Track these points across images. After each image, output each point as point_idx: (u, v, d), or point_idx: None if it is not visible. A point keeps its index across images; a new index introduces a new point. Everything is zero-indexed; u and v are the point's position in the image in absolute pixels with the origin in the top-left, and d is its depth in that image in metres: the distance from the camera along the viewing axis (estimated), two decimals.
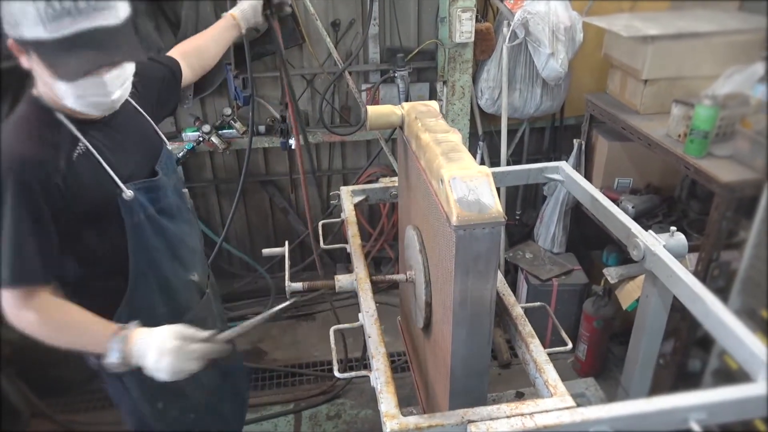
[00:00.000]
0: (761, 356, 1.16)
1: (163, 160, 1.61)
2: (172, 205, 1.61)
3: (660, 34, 2.61)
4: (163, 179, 1.57)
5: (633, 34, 2.62)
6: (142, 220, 1.49)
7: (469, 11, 2.82)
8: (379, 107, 1.61)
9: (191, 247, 1.70)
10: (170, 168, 1.65)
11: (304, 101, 3.40)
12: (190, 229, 1.72)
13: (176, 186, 1.67)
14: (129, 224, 1.46)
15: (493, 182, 1.14)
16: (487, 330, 1.23)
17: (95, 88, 1.31)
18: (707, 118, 2.28)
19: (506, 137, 3.20)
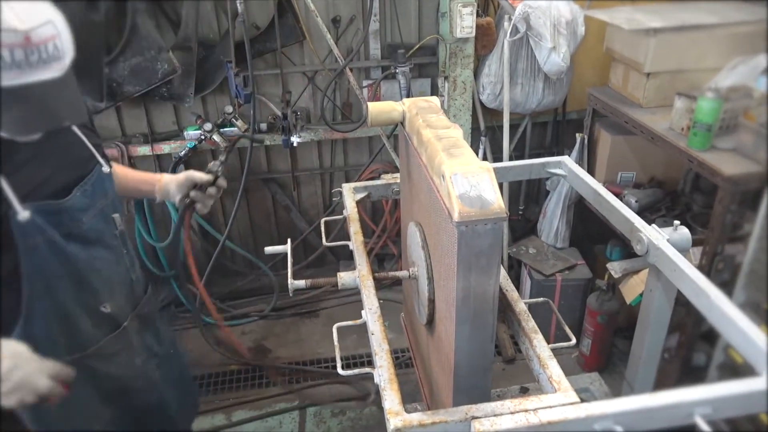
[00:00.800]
0: (765, 350, 1.15)
1: (90, 183, 1.49)
2: (87, 230, 1.48)
3: (662, 26, 2.60)
4: (75, 201, 1.44)
5: (635, 27, 2.61)
6: (38, 244, 1.37)
7: (470, 6, 2.81)
8: (380, 103, 1.60)
9: (106, 276, 1.56)
10: (98, 192, 1.52)
11: (305, 98, 3.39)
12: (110, 256, 1.58)
13: (103, 210, 1.54)
14: (22, 247, 1.34)
15: (494, 177, 1.14)
16: (491, 326, 1.23)
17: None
18: (710, 111, 2.26)
19: (508, 132, 3.19)
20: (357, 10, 3.22)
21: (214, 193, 1.80)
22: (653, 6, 2.95)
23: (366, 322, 1.42)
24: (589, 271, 3.20)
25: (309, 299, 3.70)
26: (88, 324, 1.51)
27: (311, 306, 3.69)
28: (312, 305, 3.70)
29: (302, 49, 3.26)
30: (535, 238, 3.50)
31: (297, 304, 3.68)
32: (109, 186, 1.58)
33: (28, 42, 1.13)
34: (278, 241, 3.78)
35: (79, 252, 1.46)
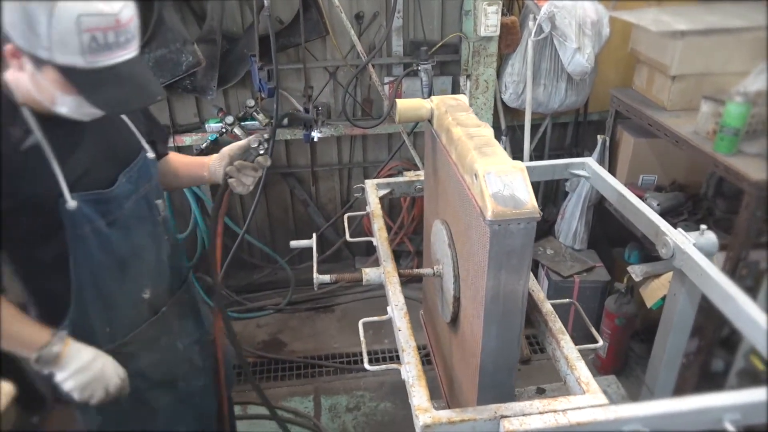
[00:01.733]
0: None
1: (135, 168, 1.53)
2: (129, 217, 1.51)
3: (689, 29, 2.57)
4: (121, 189, 1.48)
5: (662, 29, 2.59)
6: (86, 234, 1.40)
7: (495, 5, 2.81)
8: (408, 100, 1.60)
9: (147, 262, 1.59)
10: (143, 177, 1.55)
11: (326, 94, 3.40)
12: (151, 242, 1.60)
13: (147, 196, 1.57)
14: (71, 236, 1.38)
15: (527, 177, 1.14)
16: (518, 325, 1.23)
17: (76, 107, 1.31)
18: (738, 115, 2.24)
19: (530, 132, 3.18)
20: (380, 6, 3.22)
21: (251, 167, 1.65)
22: (680, 8, 2.93)
23: (392, 319, 1.42)
24: (607, 274, 3.19)
25: (324, 294, 3.72)
26: (130, 311, 1.53)
27: (327, 301, 3.71)
28: (328, 300, 3.71)
29: (324, 44, 3.27)
30: (553, 239, 3.49)
31: (313, 299, 3.70)
32: (154, 172, 1.61)
33: (118, 24, 1.20)
34: (295, 235, 3.80)
35: (122, 239, 1.48)
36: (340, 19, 2.94)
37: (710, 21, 2.63)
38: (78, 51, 1.18)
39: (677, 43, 2.60)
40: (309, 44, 3.15)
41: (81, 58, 1.19)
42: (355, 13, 3.18)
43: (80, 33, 1.16)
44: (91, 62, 1.20)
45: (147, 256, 1.57)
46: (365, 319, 1.47)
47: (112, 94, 1.26)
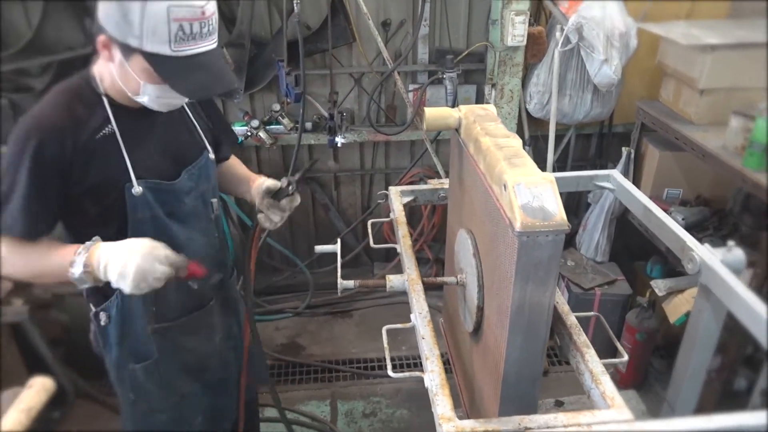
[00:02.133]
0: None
1: (197, 167, 1.62)
2: (187, 212, 1.61)
3: (719, 43, 2.55)
4: (182, 184, 1.57)
5: (691, 42, 2.57)
6: (146, 219, 1.50)
7: (522, 15, 2.81)
8: (437, 109, 1.61)
9: (197, 255, 1.61)
10: (203, 176, 1.64)
11: (351, 99, 3.42)
12: (203, 237, 1.68)
13: (204, 194, 1.66)
14: (132, 219, 1.48)
15: (557, 189, 1.14)
16: (543, 337, 1.23)
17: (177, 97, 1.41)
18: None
19: (554, 143, 3.17)
20: (408, 14, 3.23)
21: (281, 206, 1.73)
22: (710, 22, 2.91)
23: (415, 326, 1.43)
24: (629, 287, 3.16)
25: (343, 299, 3.73)
26: (176, 298, 1.61)
27: (345, 306, 3.72)
28: (346, 305, 3.73)
29: (351, 50, 3.30)
30: (574, 250, 3.46)
31: (331, 303, 3.72)
32: (213, 172, 1.71)
33: (203, 15, 1.30)
34: (315, 239, 3.83)
35: (177, 230, 1.57)
36: (367, 26, 2.96)
37: (740, 35, 2.60)
38: (166, 40, 1.27)
39: (706, 57, 2.58)
40: (335, 50, 3.18)
41: (168, 47, 1.28)
42: (382, 20, 3.20)
43: (169, 22, 1.25)
44: (176, 51, 1.29)
45: (198, 249, 1.65)
46: (389, 326, 1.48)
47: (194, 82, 1.34)
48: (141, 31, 1.26)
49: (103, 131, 1.43)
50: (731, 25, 2.85)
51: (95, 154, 1.41)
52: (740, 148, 2.38)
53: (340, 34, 3.08)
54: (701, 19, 3.11)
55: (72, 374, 2.87)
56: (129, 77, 1.37)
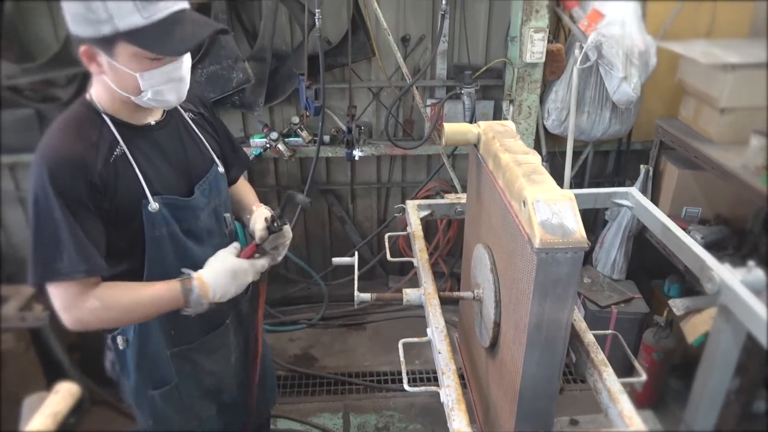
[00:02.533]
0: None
1: (207, 182, 1.60)
2: (202, 228, 1.59)
3: (740, 62, 2.54)
4: (196, 201, 1.55)
5: (712, 61, 2.56)
6: (163, 235, 1.48)
7: (541, 32, 2.82)
8: (456, 124, 1.62)
9: None
10: (213, 190, 1.62)
11: (369, 113, 3.45)
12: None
13: (216, 209, 1.64)
14: (149, 236, 1.46)
15: (576, 206, 1.14)
16: (560, 354, 1.22)
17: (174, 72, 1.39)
18: None
19: (571, 159, 3.16)
20: (427, 30, 3.27)
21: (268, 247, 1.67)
22: (730, 41, 2.90)
23: (432, 341, 1.43)
24: (646, 306, 3.13)
25: (357, 311, 3.73)
26: (195, 318, 1.57)
27: (359, 318, 3.72)
28: (360, 317, 3.73)
29: (370, 65, 3.33)
30: (590, 267, 3.44)
31: (345, 315, 3.72)
32: (223, 186, 1.68)
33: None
34: (331, 251, 3.84)
35: (194, 247, 1.55)
36: (386, 42, 2.99)
37: (761, 54, 2.59)
38: (133, 9, 1.25)
39: (727, 76, 2.57)
40: (355, 65, 3.21)
41: (138, 16, 1.26)
42: (401, 35, 3.24)
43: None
44: (148, 16, 1.27)
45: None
46: (405, 339, 1.48)
47: (177, 37, 1.31)
48: (107, 12, 1.24)
49: (115, 152, 1.41)
50: (752, 43, 2.84)
51: (113, 176, 1.40)
52: (761, 168, 2.36)
53: (360, 48, 3.12)
54: (721, 38, 3.10)
55: (87, 380, 2.89)
56: (124, 77, 1.35)
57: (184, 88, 1.45)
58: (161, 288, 1.44)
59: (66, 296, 1.36)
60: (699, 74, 2.80)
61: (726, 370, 1.73)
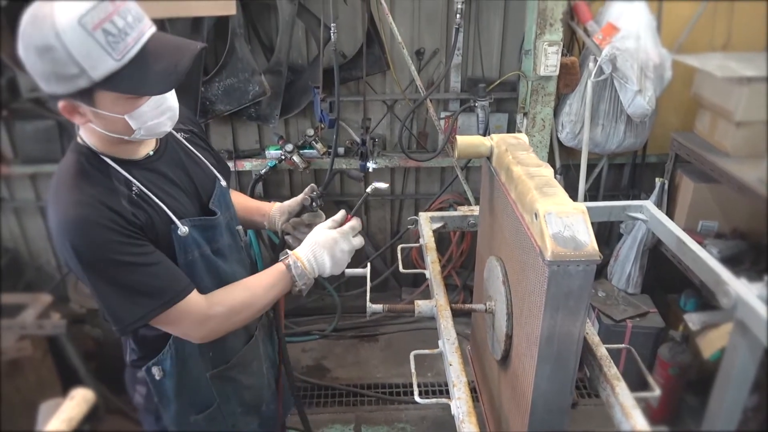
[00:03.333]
0: None
1: (216, 198, 1.56)
2: (224, 245, 1.56)
3: (756, 75, 2.53)
4: (218, 218, 1.53)
5: (728, 74, 2.55)
6: (195, 258, 1.45)
7: (555, 45, 2.83)
8: (469, 137, 1.63)
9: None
10: (223, 206, 1.59)
11: (383, 126, 3.48)
12: (241, 268, 1.64)
13: (229, 223, 1.61)
14: (182, 262, 1.42)
15: (588, 219, 1.14)
16: (572, 367, 1.22)
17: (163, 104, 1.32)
18: None
19: (585, 172, 3.15)
20: (441, 43, 3.29)
21: (305, 224, 1.76)
22: (746, 54, 2.88)
23: (443, 353, 1.43)
24: (661, 320, 3.09)
25: (369, 323, 3.74)
26: (229, 336, 1.56)
27: (372, 330, 3.72)
28: (372, 329, 3.73)
29: (384, 78, 3.36)
30: (605, 281, 3.41)
31: (358, 327, 3.72)
32: (229, 200, 1.66)
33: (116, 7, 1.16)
34: None
35: (222, 265, 1.54)
36: (401, 55, 3.02)
37: None
38: (103, 53, 1.14)
39: (743, 89, 2.56)
40: (369, 78, 3.24)
41: (111, 59, 1.16)
42: (416, 49, 3.26)
43: (91, 34, 1.13)
44: (120, 58, 1.17)
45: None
46: (416, 351, 1.49)
47: (159, 70, 1.22)
48: (77, 64, 1.14)
49: (133, 191, 1.35)
50: None
51: (141, 215, 1.34)
52: None
53: (375, 62, 3.15)
54: (737, 51, 3.09)
55: (103, 388, 2.92)
56: (111, 122, 1.27)
57: (175, 113, 1.39)
58: (268, 275, 1.51)
59: (196, 311, 1.38)
60: (714, 88, 2.79)
61: (743, 386, 1.71)
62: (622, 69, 2.86)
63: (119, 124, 1.28)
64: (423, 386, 3.23)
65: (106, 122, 1.27)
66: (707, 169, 2.76)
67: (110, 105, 1.24)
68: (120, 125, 1.28)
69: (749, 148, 2.67)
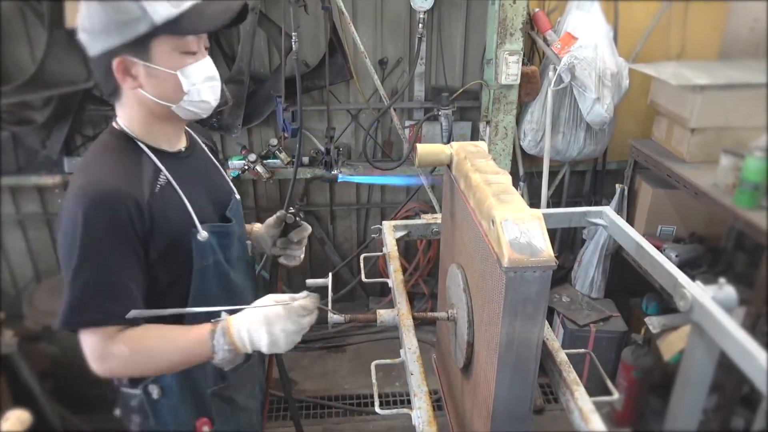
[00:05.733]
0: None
1: (232, 208, 1.55)
2: (235, 256, 1.53)
3: (709, 83, 2.60)
4: (234, 227, 1.51)
5: (682, 82, 2.62)
6: (209, 265, 1.42)
7: (516, 54, 2.87)
8: (428, 145, 1.63)
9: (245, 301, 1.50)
10: (237, 216, 1.57)
11: (348, 135, 3.47)
12: (246, 280, 1.60)
13: (241, 237, 1.59)
14: (197, 267, 1.38)
15: (544, 225, 1.15)
16: (532, 374, 1.22)
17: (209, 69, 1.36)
18: (757, 170, 2.24)
19: (547, 179, 3.19)
20: (404, 52, 3.30)
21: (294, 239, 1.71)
22: (700, 62, 2.97)
23: (405, 362, 1.42)
24: (624, 324, 3.14)
25: (337, 333, 3.70)
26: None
27: (339, 340, 3.69)
28: (340, 339, 3.69)
29: (348, 87, 3.35)
30: (569, 286, 3.46)
31: (325, 338, 3.68)
32: (242, 213, 1.63)
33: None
34: (311, 273, 3.82)
35: (232, 275, 1.49)
36: (364, 64, 3.02)
37: (730, 76, 2.65)
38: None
39: (697, 97, 2.63)
40: (333, 87, 3.23)
41: (168, 5, 1.23)
42: (379, 58, 3.27)
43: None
44: (177, 5, 1.24)
45: (246, 294, 1.57)
46: (377, 361, 1.47)
47: (213, 11, 1.29)
48: (141, 6, 1.20)
49: (159, 182, 1.33)
50: (721, 65, 2.91)
51: (161, 207, 1.31)
52: (731, 186, 2.40)
53: (338, 71, 3.14)
54: (692, 60, 3.18)
55: (60, 408, 2.82)
56: (164, 80, 1.29)
57: (218, 87, 1.40)
58: (188, 334, 1.30)
59: (99, 343, 1.25)
60: (670, 95, 2.86)
61: (701, 387, 1.74)
62: (580, 77, 2.92)
63: (170, 84, 1.30)
64: (390, 396, 3.22)
65: (157, 82, 1.29)
66: (665, 175, 2.83)
67: (164, 58, 1.27)
68: (171, 86, 1.30)
69: (704, 154, 2.74)
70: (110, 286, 1.25)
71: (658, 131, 3.06)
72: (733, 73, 2.69)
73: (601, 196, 3.62)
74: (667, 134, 2.95)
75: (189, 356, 1.31)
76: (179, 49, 1.29)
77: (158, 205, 1.30)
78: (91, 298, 1.23)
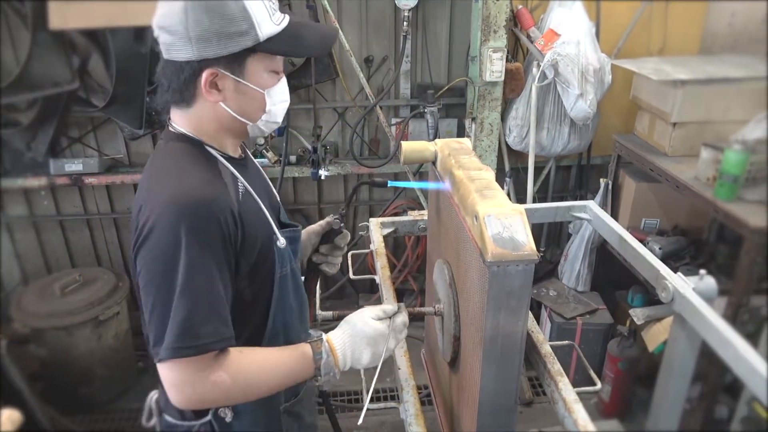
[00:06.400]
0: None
1: (283, 214, 1.48)
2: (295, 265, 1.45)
3: (689, 78, 2.64)
4: (300, 231, 1.44)
5: (663, 78, 2.66)
6: (287, 273, 1.34)
7: (500, 51, 2.89)
8: (413, 143, 1.65)
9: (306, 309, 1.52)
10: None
11: (335, 133, 3.48)
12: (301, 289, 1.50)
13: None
14: (278, 276, 1.30)
15: (527, 220, 1.17)
16: (517, 366, 1.24)
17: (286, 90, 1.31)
18: (737, 163, 2.28)
19: (533, 174, 3.23)
20: (390, 51, 3.32)
21: (341, 245, 1.66)
22: (681, 58, 3.01)
23: (392, 357, 1.44)
24: (610, 316, 3.19)
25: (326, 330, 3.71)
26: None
27: None
28: None
29: (334, 85, 3.37)
30: (556, 280, 3.50)
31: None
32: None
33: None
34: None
35: (301, 285, 1.45)
36: (350, 63, 3.03)
37: (710, 71, 2.70)
38: (267, 16, 1.18)
39: (677, 92, 2.67)
40: (319, 86, 3.25)
41: (271, 22, 1.19)
42: (364, 57, 3.28)
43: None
44: (278, 23, 1.21)
45: (307, 304, 1.54)
46: None
47: (311, 37, 1.27)
48: (249, 20, 1.15)
49: (240, 189, 1.25)
50: (702, 61, 2.95)
51: (247, 216, 1.22)
52: (711, 180, 2.45)
53: (324, 70, 3.15)
54: (673, 55, 3.23)
55: (50, 410, 2.82)
56: (251, 97, 1.23)
57: (286, 108, 1.35)
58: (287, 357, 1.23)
59: (187, 371, 1.11)
60: (651, 91, 2.90)
61: (684, 377, 1.77)
62: (563, 74, 2.95)
63: (256, 102, 1.24)
64: (382, 391, 3.23)
65: (243, 100, 1.23)
66: (648, 169, 2.87)
67: (256, 76, 1.22)
68: (254, 104, 1.24)
69: (685, 148, 2.78)
70: (220, 306, 1.14)
71: (640, 126, 3.10)
72: (713, 68, 2.73)
73: (587, 191, 3.66)
74: (649, 129, 2.99)
75: (291, 379, 1.25)
76: (270, 68, 1.24)
77: (244, 213, 1.21)
78: (204, 320, 1.11)
